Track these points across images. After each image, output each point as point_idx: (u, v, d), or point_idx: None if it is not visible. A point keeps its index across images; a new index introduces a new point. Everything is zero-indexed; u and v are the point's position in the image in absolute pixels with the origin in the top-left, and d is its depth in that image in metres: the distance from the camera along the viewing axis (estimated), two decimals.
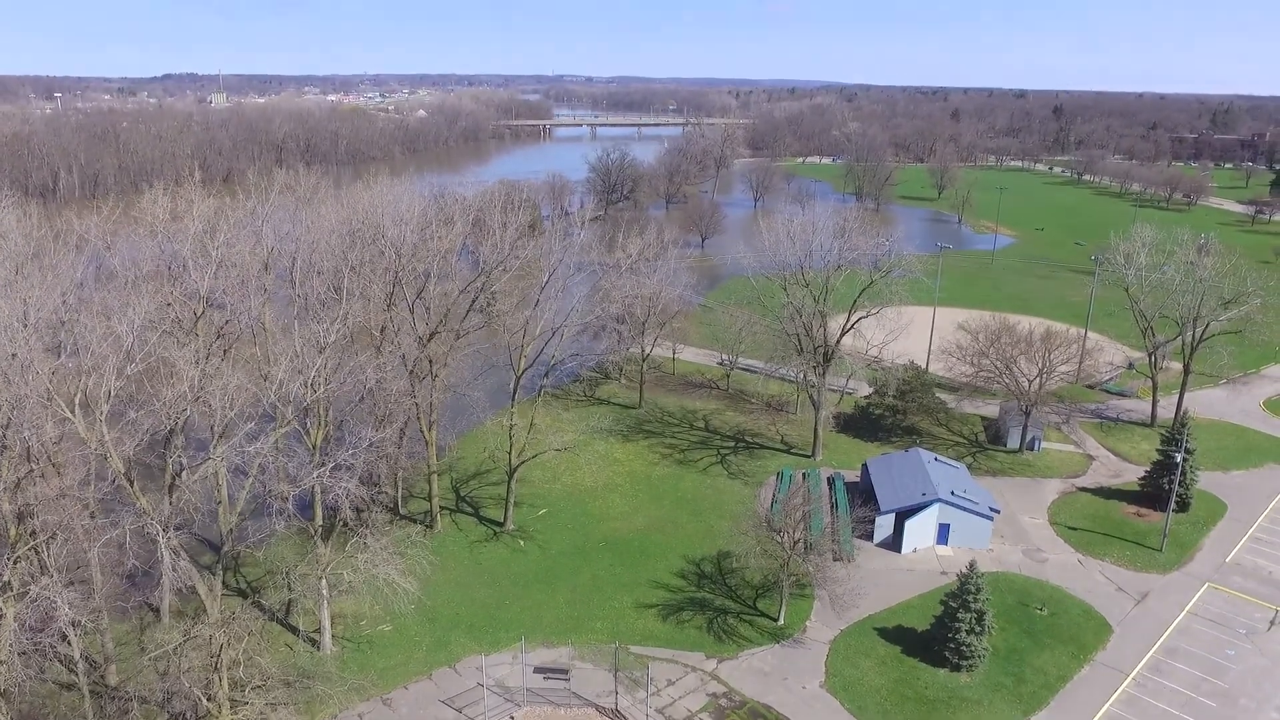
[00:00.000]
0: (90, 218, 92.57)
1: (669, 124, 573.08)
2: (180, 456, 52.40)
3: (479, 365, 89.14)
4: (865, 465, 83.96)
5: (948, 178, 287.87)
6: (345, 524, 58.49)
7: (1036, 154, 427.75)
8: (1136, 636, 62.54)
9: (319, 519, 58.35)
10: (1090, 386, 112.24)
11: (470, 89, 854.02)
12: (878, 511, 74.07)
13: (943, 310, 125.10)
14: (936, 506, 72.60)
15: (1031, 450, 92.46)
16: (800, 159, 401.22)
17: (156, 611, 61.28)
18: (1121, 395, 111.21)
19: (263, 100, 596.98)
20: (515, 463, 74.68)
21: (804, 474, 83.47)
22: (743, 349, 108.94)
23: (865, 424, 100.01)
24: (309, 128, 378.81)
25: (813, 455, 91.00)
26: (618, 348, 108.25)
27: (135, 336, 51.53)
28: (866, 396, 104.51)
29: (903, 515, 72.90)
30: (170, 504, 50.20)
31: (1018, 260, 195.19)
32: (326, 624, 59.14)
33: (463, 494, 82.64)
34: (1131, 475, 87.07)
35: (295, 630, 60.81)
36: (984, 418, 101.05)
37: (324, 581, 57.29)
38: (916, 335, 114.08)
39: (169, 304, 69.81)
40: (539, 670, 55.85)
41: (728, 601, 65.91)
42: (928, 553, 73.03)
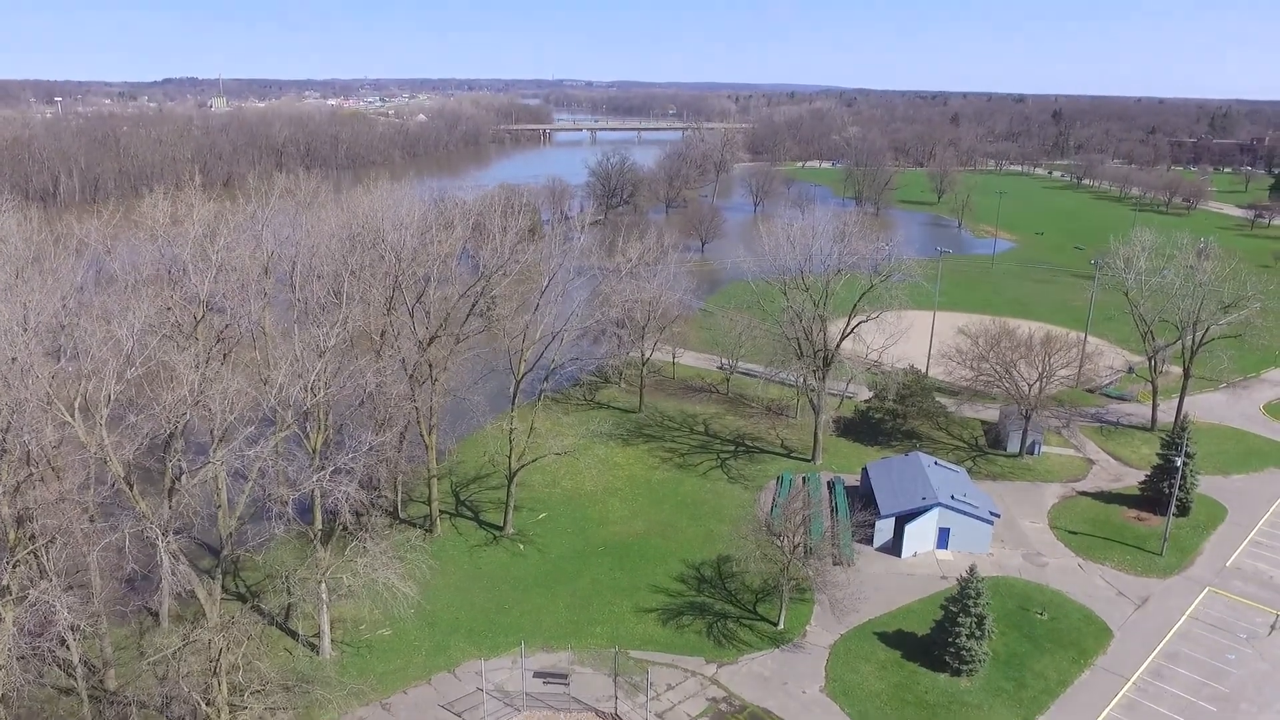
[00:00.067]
0: (90, 222, 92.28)
1: (669, 128, 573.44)
2: (180, 460, 52.45)
3: (479, 369, 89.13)
4: (865, 469, 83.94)
5: (947, 182, 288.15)
6: (345, 528, 58.60)
7: (1036, 158, 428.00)
8: (1137, 641, 62.49)
9: (319, 523, 58.38)
10: (1090, 391, 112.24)
11: (470, 93, 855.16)
12: (878, 516, 74.00)
13: (942, 314, 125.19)
14: (936, 511, 72.55)
15: (1031, 454, 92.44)
16: (800, 163, 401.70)
17: (156, 616, 61.20)
18: (1121, 399, 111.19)
19: (263, 104, 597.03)
20: (515, 467, 74.70)
21: (804, 478, 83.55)
22: (743, 353, 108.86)
23: (865, 428, 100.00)
24: (309, 132, 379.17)
25: (813, 459, 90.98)
26: (618, 352, 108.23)
27: (135, 340, 51.70)
28: (866, 401, 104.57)
29: (903, 519, 72.89)
30: (170, 508, 50.24)
31: (1017, 264, 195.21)
32: (326, 628, 59.09)
33: (462, 498, 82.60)
34: (1132, 479, 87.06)
35: (294, 635, 60.76)
36: (984, 422, 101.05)
37: (323, 586, 57.26)
38: (916, 339, 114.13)
39: (169, 308, 69.84)
40: (538, 675, 55.93)
41: (728, 606, 65.82)
42: (928, 557, 72.98)
